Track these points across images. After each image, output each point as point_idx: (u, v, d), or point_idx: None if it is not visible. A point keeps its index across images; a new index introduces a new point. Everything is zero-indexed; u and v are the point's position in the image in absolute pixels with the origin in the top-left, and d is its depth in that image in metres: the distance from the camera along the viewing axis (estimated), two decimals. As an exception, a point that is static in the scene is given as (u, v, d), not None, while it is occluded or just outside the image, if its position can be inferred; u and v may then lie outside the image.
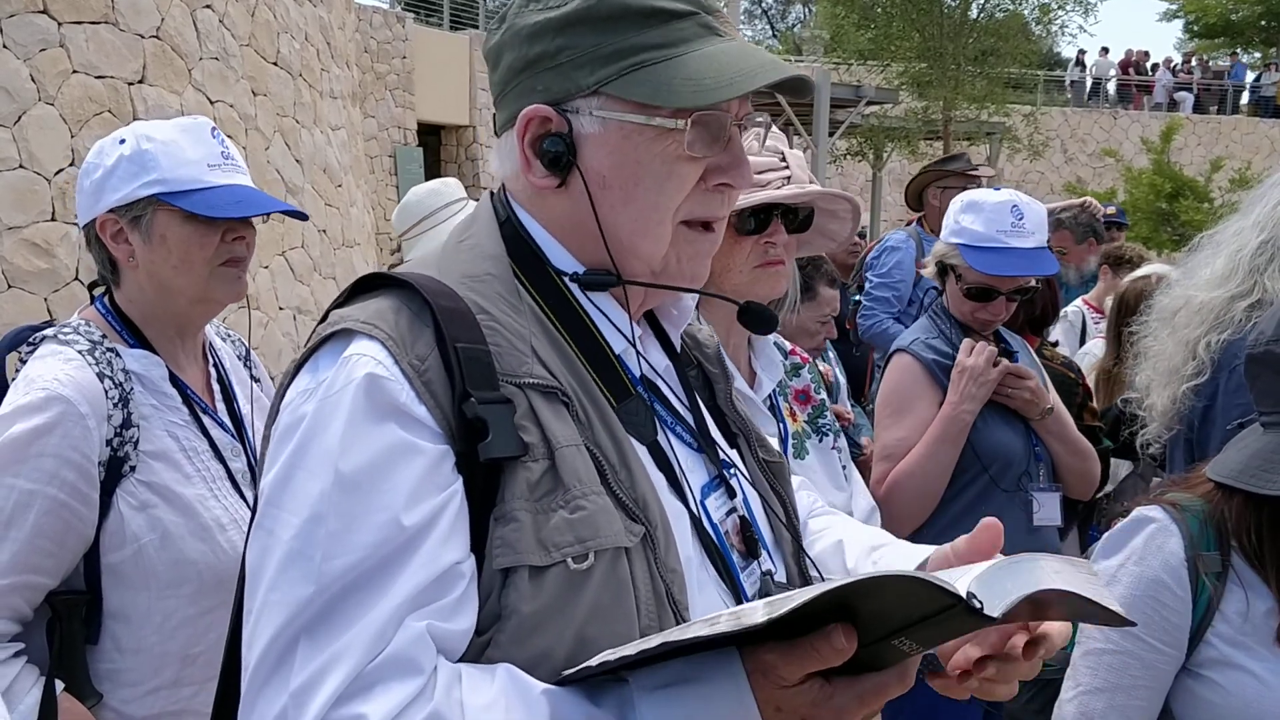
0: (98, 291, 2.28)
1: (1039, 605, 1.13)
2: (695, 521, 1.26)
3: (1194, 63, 37.57)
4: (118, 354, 2.12)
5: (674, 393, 1.38)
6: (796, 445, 2.55)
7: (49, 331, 2.14)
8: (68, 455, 1.96)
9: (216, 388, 2.34)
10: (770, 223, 2.22)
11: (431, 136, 20.61)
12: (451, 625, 1.08)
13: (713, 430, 1.41)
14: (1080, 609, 1.21)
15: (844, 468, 2.70)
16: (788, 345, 2.68)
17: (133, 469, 2.05)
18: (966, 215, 3.11)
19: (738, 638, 1.02)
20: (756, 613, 0.96)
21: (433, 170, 19.62)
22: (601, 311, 1.30)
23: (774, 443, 1.57)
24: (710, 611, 1.19)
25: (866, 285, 5.91)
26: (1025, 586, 1.01)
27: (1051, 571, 1.06)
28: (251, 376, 2.46)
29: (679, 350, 1.44)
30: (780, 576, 1.36)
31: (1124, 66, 36.30)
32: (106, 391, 2.03)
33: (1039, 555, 1.09)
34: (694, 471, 1.31)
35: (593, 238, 1.27)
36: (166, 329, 2.23)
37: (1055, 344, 4.08)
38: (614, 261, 1.27)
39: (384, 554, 1.06)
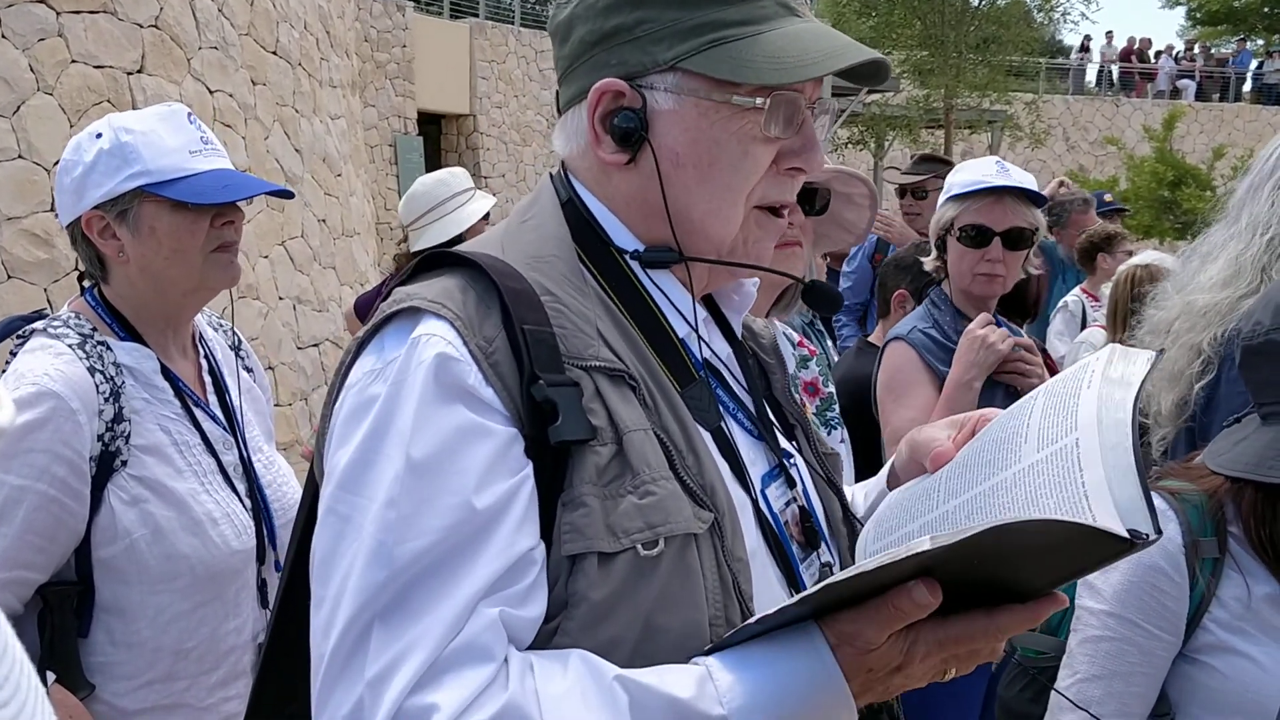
0: (86, 283, 2.25)
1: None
2: (757, 510, 1.24)
3: (1196, 50, 37.44)
4: (109, 347, 2.09)
5: (735, 379, 1.36)
6: (817, 428, 2.56)
7: (38, 325, 2.11)
8: (59, 451, 1.94)
9: (208, 379, 2.32)
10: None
11: (432, 126, 20.56)
12: (523, 613, 1.07)
13: (771, 420, 1.39)
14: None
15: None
16: (796, 337, 2.67)
17: (124, 464, 2.03)
18: (955, 177, 3.19)
19: (911, 569, 0.99)
20: (922, 543, 0.93)
21: (433, 159, 19.57)
22: (664, 294, 1.27)
23: (829, 435, 1.56)
24: (772, 604, 1.17)
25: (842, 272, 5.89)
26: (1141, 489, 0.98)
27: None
28: (244, 366, 2.44)
29: (739, 338, 1.42)
30: (839, 569, 1.34)
31: (1126, 54, 36.16)
32: (98, 386, 2.01)
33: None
34: (755, 460, 1.29)
35: (659, 216, 1.24)
36: (158, 321, 2.20)
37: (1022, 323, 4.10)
38: (678, 240, 1.24)
39: (457, 539, 1.05)
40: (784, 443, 1.38)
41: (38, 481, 1.93)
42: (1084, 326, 5.72)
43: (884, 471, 1.48)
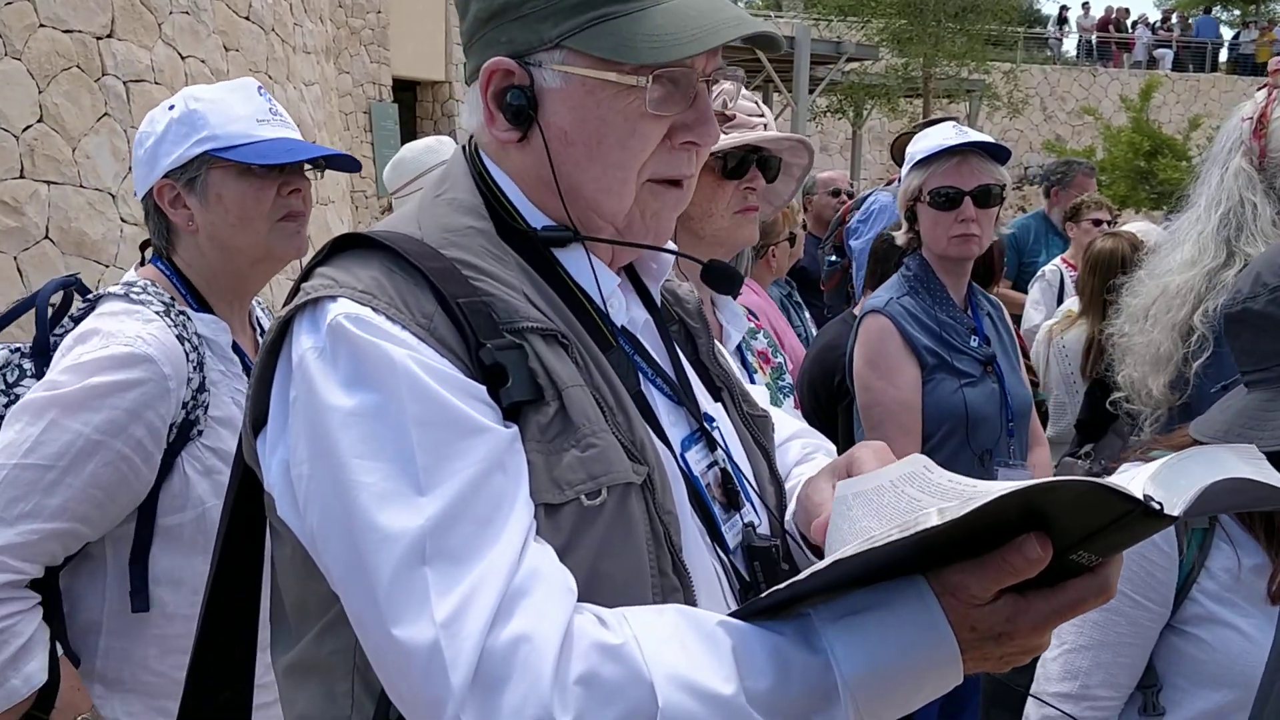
0: (148, 253, 2.27)
1: (1208, 500, 1.10)
2: (680, 470, 1.25)
3: (1174, 20, 37.51)
4: (189, 317, 2.12)
5: (654, 346, 1.37)
6: (772, 395, 2.54)
7: (114, 289, 2.13)
8: (143, 413, 1.96)
9: None
10: (749, 168, 2.22)
11: (407, 93, 20.38)
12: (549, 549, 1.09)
13: (695, 384, 1.40)
14: (1249, 498, 1.17)
15: None
16: (743, 310, 2.65)
17: (200, 433, 2.05)
18: (915, 146, 3.21)
19: (911, 548, 0.98)
20: (930, 517, 0.92)
21: (408, 127, 19.40)
22: (574, 266, 1.28)
23: (759, 395, 1.55)
24: (699, 562, 1.19)
25: (856, 245, 5.85)
26: (1203, 479, 0.99)
27: (1228, 462, 1.04)
28: None
29: (659, 305, 1.42)
30: (764, 529, 1.34)
31: (1103, 24, 36.20)
32: (187, 354, 2.04)
33: (1211, 447, 1.06)
34: (674, 425, 1.30)
35: (554, 193, 1.25)
36: (226, 294, 2.23)
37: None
38: (573, 219, 1.26)
39: (483, 475, 1.06)
40: (709, 406, 1.39)
41: (114, 439, 1.94)
42: (1062, 296, 5.71)
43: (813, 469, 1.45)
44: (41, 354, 2.10)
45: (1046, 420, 4.25)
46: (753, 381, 2.47)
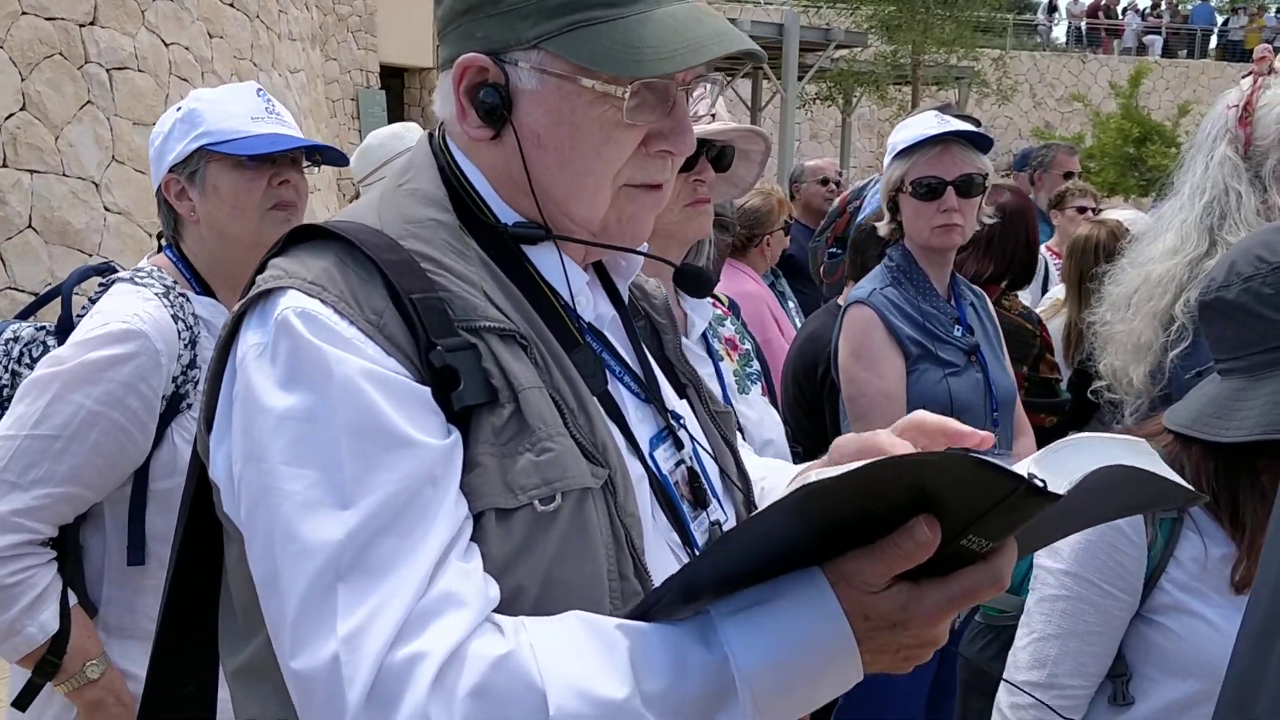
0: (163, 242, 2.45)
1: (1099, 495, 1.11)
2: (647, 470, 1.24)
3: (1163, 6, 37.53)
4: (188, 299, 2.30)
5: (621, 344, 1.36)
6: (739, 380, 2.54)
7: (124, 274, 2.33)
8: (136, 385, 2.14)
9: None
10: (699, 160, 2.20)
11: (394, 79, 20.30)
12: (477, 566, 1.07)
13: (661, 382, 1.39)
14: (1144, 494, 1.19)
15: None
16: (708, 300, 2.64)
17: (189, 406, 2.22)
18: (896, 135, 3.19)
19: (807, 537, 0.99)
20: (810, 480, 0.92)
21: (395, 114, 19.32)
22: (543, 263, 1.26)
23: (718, 391, 1.55)
24: (664, 564, 1.18)
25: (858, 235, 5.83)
26: (1088, 464, 1.00)
27: (1113, 448, 1.04)
28: None
29: (626, 301, 1.41)
30: (731, 525, 1.34)
31: (1093, 10, 36.20)
32: (180, 333, 2.21)
33: (1099, 435, 1.07)
34: (642, 423, 1.29)
35: (526, 193, 1.23)
36: (227, 279, 2.36)
37: (1015, 293, 4.07)
38: (545, 218, 1.24)
39: (411, 491, 1.04)
40: (675, 404, 1.38)
41: (113, 410, 2.12)
42: (1047, 284, 5.71)
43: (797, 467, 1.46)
44: (64, 332, 2.29)
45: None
46: (718, 370, 2.46)
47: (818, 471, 0.92)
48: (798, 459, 2.25)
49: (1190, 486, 1.16)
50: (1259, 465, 1.67)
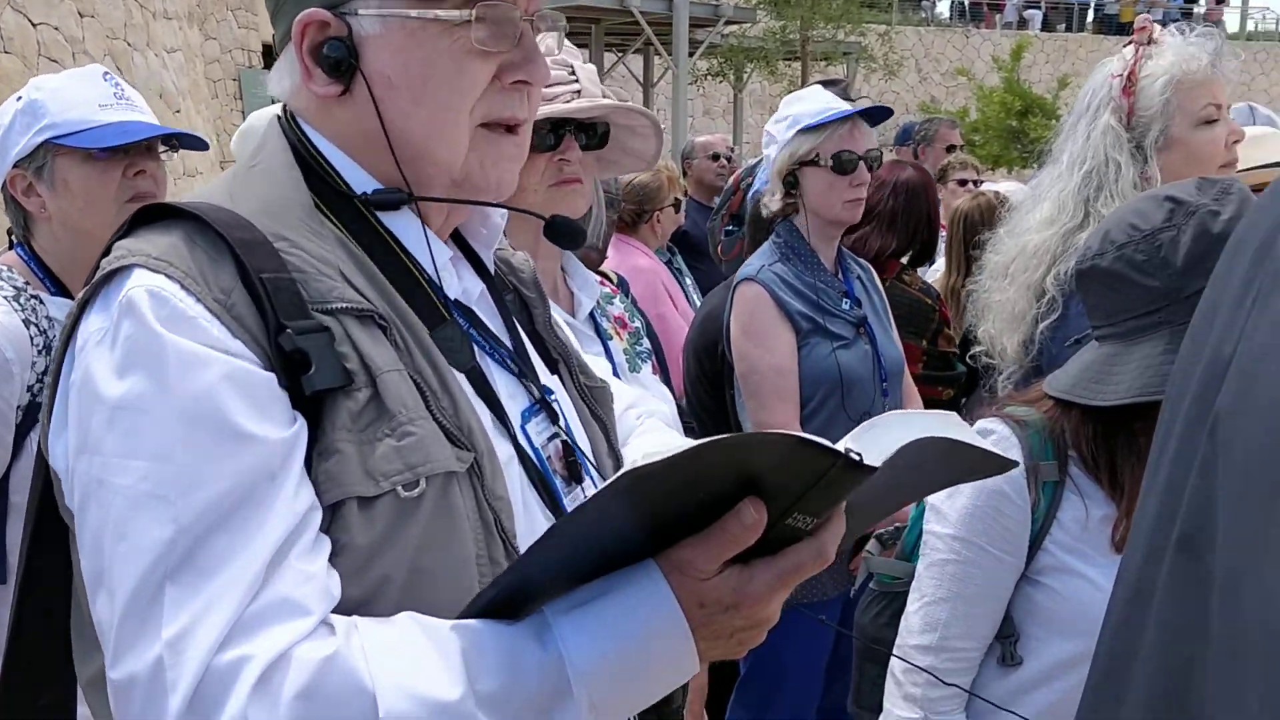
0: (14, 238, 2.32)
1: (919, 468, 1.14)
2: (518, 448, 1.23)
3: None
4: (41, 301, 2.16)
5: (490, 318, 1.34)
6: (630, 359, 2.52)
7: None
8: None
9: None
10: (563, 139, 2.17)
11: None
12: (318, 566, 1.03)
13: (533, 356, 1.38)
14: (960, 465, 1.22)
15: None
16: (595, 277, 2.63)
17: None
18: (792, 107, 3.18)
19: (639, 529, 1.00)
20: (622, 476, 0.92)
21: (282, 95, 18.89)
22: (404, 235, 1.24)
23: (599, 366, 1.54)
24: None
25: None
26: (901, 438, 1.02)
27: (925, 422, 1.07)
28: None
29: (493, 274, 1.40)
30: None
31: (976, -16, 36.97)
32: (32, 338, 2.08)
33: (912, 411, 1.09)
34: (514, 397, 1.28)
35: (383, 148, 1.21)
36: (83, 277, 2.17)
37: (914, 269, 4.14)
38: (405, 177, 1.22)
39: (245, 487, 1.00)
40: (547, 379, 1.37)
41: None
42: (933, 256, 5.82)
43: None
44: None
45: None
46: (608, 349, 2.44)
47: (644, 454, 0.92)
48: (697, 436, 2.25)
49: (1003, 455, 1.20)
50: (1135, 427, 1.72)
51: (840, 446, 0.94)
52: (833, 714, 3.19)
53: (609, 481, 0.92)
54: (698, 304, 4.61)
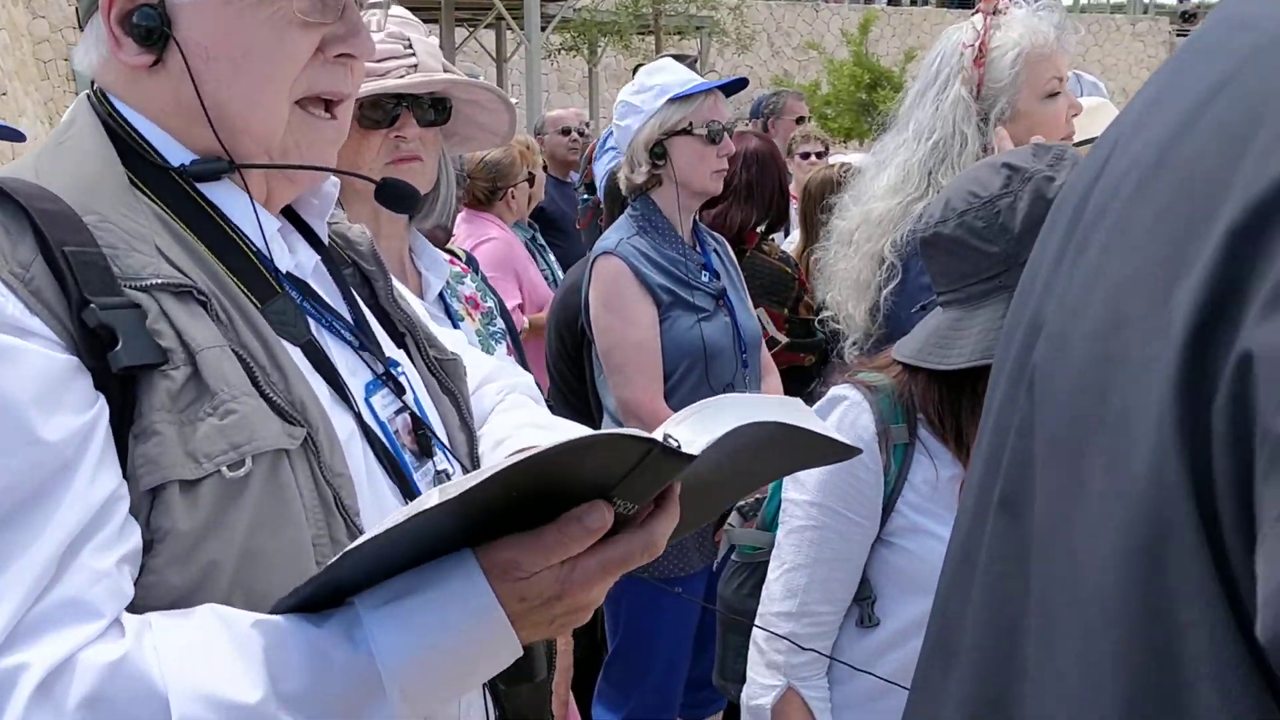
0: None
1: (759, 455, 1.13)
2: (361, 422, 1.20)
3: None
4: None
5: (327, 291, 1.30)
6: (482, 341, 2.49)
7: None
8: None
9: None
10: (399, 116, 2.11)
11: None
12: (110, 561, 0.97)
13: (377, 330, 1.34)
14: (803, 451, 1.22)
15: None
16: (445, 256, 2.58)
17: None
18: (655, 77, 3.16)
19: (458, 523, 0.97)
20: (431, 498, 0.91)
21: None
22: (229, 207, 1.19)
23: (451, 338, 1.51)
24: (385, 515, 1.14)
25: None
26: (729, 423, 1.01)
27: (762, 407, 1.06)
28: None
29: (327, 246, 1.36)
30: (458, 476, 1.30)
31: (823, -41, 37.56)
32: None
33: (750, 395, 1.08)
34: (355, 372, 1.24)
35: (200, 120, 1.15)
36: None
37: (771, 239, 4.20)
38: (225, 147, 1.17)
39: (32, 482, 0.94)
40: (393, 351, 1.35)
41: None
42: (788, 226, 5.92)
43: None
44: None
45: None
46: (458, 329, 2.40)
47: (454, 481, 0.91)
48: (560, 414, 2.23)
49: (847, 442, 1.21)
50: (979, 389, 1.77)
51: (659, 434, 0.94)
52: (700, 686, 3.23)
53: (421, 508, 0.90)
54: (559, 279, 4.59)
